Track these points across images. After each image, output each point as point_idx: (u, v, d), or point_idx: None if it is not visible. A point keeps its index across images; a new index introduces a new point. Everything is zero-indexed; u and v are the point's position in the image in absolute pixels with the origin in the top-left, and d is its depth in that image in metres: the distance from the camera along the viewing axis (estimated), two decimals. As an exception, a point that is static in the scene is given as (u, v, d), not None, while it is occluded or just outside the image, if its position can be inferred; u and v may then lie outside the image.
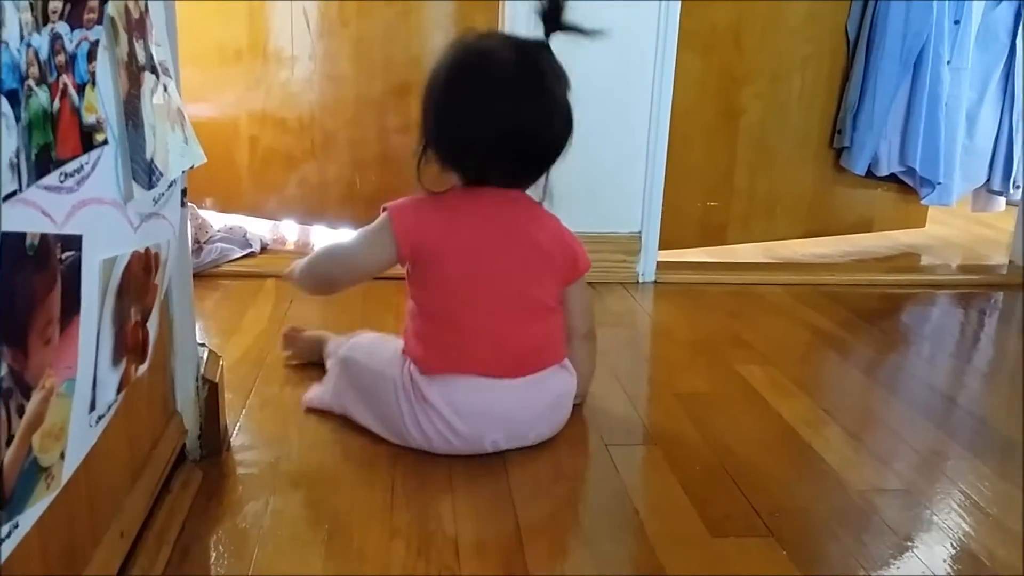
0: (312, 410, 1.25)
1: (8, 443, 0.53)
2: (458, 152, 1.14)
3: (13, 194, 0.53)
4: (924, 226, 2.62)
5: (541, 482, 1.09)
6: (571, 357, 1.22)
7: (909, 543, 0.99)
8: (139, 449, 0.89)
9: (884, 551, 0.97)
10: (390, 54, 1.86)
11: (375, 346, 1.22)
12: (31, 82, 0.55)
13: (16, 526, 0.56)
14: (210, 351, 1.14)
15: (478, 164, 1.14)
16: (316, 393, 1.27)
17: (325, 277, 1.25)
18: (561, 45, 1.73)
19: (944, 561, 0.96)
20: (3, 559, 0.54)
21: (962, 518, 1.05)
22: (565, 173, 1.93)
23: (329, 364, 1.29)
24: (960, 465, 1.19)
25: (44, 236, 0.57)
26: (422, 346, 1.13)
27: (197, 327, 1.49)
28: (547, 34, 1.14)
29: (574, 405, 1.24)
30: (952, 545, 0.99)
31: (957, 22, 2.28)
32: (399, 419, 1.12)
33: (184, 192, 0.93)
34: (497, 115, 1.10)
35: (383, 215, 1.15)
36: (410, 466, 1.11)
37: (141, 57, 0.76)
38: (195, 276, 1.81)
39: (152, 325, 0.82)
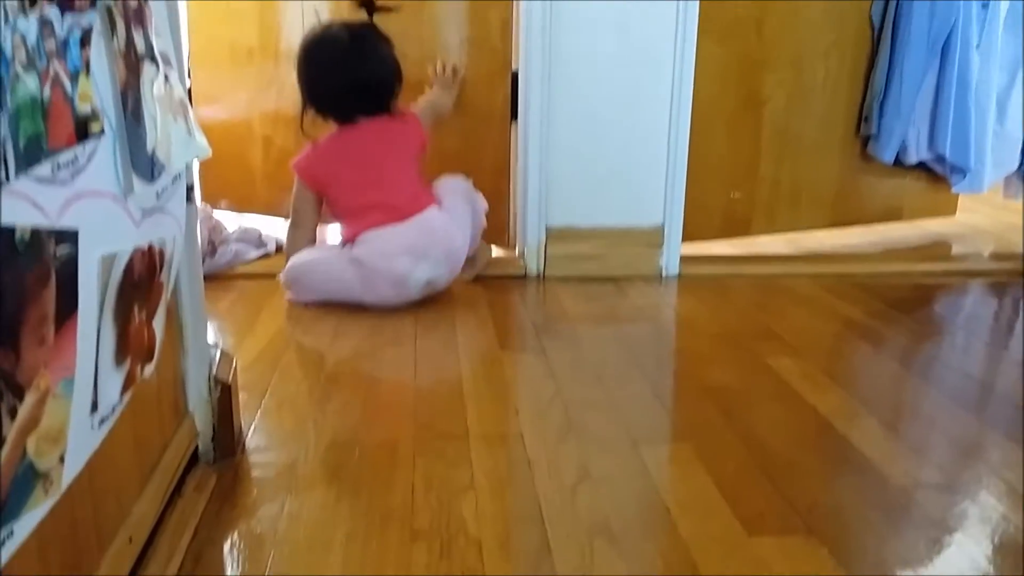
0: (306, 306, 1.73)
1: (0, 447, 0.50)
2: (325, 103, 1.75)
3: (0, 185, 0.50)
4: (954, 214, 2.55)
5: (568, 480, 1.05)
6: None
7: (954, 537, 0.94)
8: (148, 452, 0.86)
9: (929, 546, 0.93)
10: (403, 51, 1.83)
11: (316, 251, 1.76)
12: (18, 67, 0.52)
13: (11, 534, 0.53)
14: (222, 351, 1.11)
15: (339, 107, 1.74)
16: (291, 296, 1.75)
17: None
18: (578, 38, 1.89)
19: (990, 555, 0.91)
20: (-2, 569, 0.51)
21: (1008, 509, 1.00)
22: (584, 165, 1.92)
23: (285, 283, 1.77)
24: (1002, 455, 1.14)
25: (36, 230, 0.54)
26: (345, 232, 1.74)
27: (212, 328, 1.47)
28: (370, 15, 1.77)
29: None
30: (998, 538, 0.95)
31: (985, 5, 2.22)
32: (350, 284, 1.67)
33: (191, 188, 0.90)
34: (340, 71, 1.71)
35: (295, 176, 1.77)
36: (431, 466, 1.08)
37: (140, 46, 0.73)
38: (210, 277, 1.81)
39: (158, 324, 0.80)
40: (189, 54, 2.14)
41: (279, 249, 2.05)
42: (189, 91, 2.16)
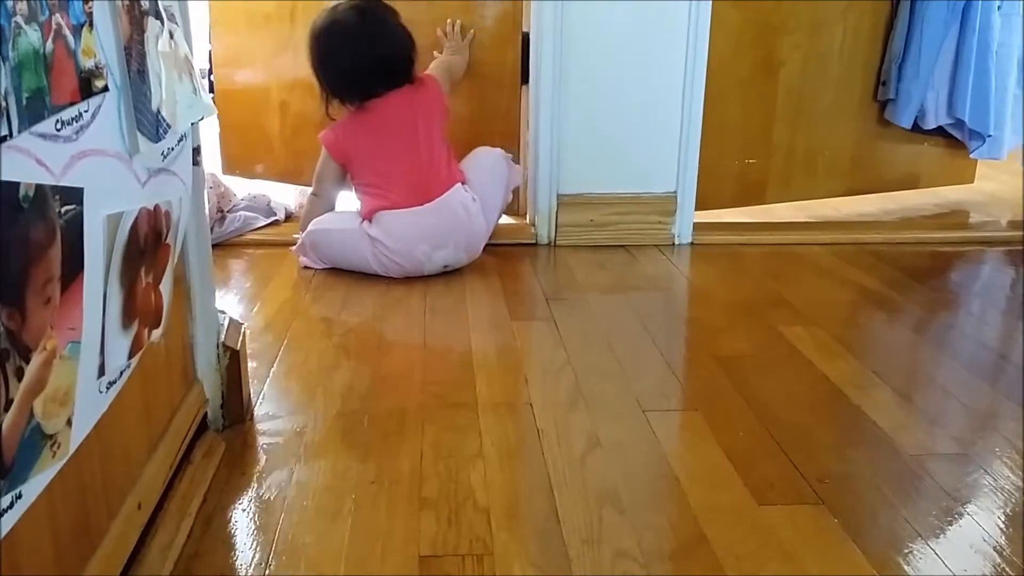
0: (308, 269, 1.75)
1: (6, 408, 0.50)
2: (346, 88, 1.72)
3: (3, 140, 0.49)
4: (973, 182, 2.51)
5: (577, 449, 1.05)
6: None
7: (966, 508, 0.93)
8: (157, 418, 0.86)
9: (941, 517, 0.92)
10: (413, 16, 1.80)
11: (336, 220, 1.75)
12: (19, 19, 0.51)
13: (19, 496, 0.52)
14: (231, 318, 1.10)
15: (361, 88, 1.71)
16: (306, 261, 1.76)
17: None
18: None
19: (1004, 526, 0.90)
20: (5, 531, 0.50)
21: (1021, 480, 0.99)
22: (596, 131, 1.89)
23: (299, 246, 1.78)
24: (1016, 426, 1.13)
25: (40, 187, 0.53)
26: (365, 206, 1.72)
27: (221, 297, 1.46)
28: None
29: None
30: (1012, 509, 0.94)
31: (1007, -34, 2.16)
32: (365, 258, 1.67)
33: (197, 150, 0.89)
34: (356, 55, 1.68)
35: (322, 148, 1.76)
36: (440, 434, 1.07)
37: (144, 2, 0.71)
38: (219, 245, 1.80)
39: (166, 288, 0.79)
40: (210, 20, 2.12)
41: (288, 217, 2.04)
42: (210, 55, 2.14)
